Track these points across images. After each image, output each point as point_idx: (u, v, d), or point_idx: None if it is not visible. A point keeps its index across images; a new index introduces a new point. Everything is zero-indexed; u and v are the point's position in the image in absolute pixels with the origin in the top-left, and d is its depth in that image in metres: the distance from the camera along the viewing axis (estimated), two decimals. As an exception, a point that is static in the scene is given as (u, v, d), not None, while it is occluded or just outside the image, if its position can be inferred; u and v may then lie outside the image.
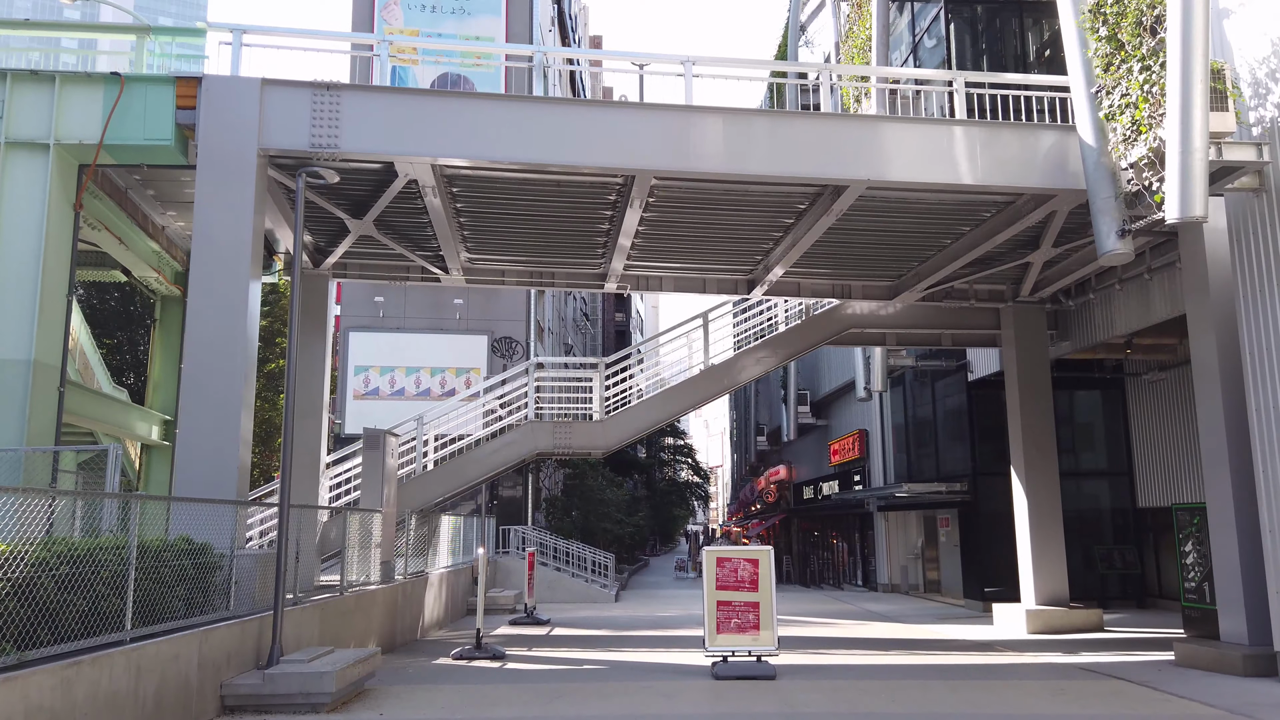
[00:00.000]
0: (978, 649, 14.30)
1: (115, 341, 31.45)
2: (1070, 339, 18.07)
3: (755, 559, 11.12)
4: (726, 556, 11.15)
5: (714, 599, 11.07)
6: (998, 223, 13.84)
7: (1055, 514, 17.14)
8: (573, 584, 25.65)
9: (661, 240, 15.05)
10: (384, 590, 13.96)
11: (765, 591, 11.02)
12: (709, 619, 11.03)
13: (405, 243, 15.24)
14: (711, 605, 11.05)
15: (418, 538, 16.93)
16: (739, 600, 11.00)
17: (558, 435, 17.44)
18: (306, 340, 15.74)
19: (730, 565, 11.09)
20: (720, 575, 11.08)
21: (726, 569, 11.08)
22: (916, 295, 17.08)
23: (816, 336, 18.40)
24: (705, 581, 11.12)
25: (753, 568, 11.07)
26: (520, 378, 18.18)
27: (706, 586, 11.10)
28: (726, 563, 11.11)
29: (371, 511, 14.10)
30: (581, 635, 16.63)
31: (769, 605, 10.99)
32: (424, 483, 17.16)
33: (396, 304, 30.72)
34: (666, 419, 18.02)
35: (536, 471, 32.41)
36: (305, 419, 15.38)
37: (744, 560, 11.11)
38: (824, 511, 34.82)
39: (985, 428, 21.79)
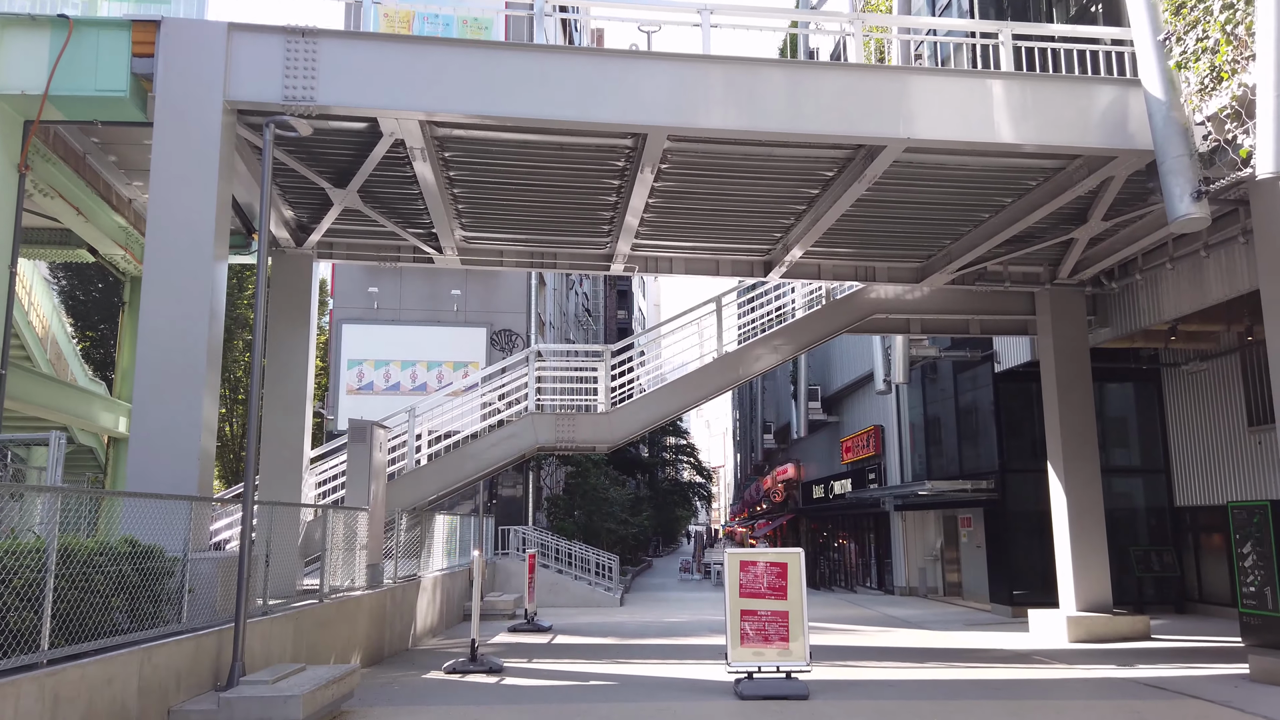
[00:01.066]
0: (1020, 661, 13.06)
1: (99, 334, 30.24)
2: (1110, 325, 16.82)
3: (783, 563, 9.89)
4: (751, 560, 9.92)
5: (737, 607, 9.83)
6: (1043, 194, 12.60)
7: (1097, 513, 15.89)
8: (575, 587, 24.42)
9: (673, 216, 13.82)
10: (370, 596, 12.74)
11: (795, 599, 9.79)
12: (731, 630, 9.80)
13: (395, 218, 14.00)
14: (734, 615, 9.81)
15: (409, 539, 15.70)
16: (765, 609, 9.77)
17: (560, 428, 16.20)
18: (288, 326, 14.54)
19: (755, 570, 9.86)
20: (744, 581, 9.85)
21: (751, 574, 9.85)
22: (946, 278, 15.84)
23: (837, 323, 17.15)
24: (727, 588, 9.89)
25: (781, 572, 9.84)
26: (519, 367, 16.95)
27: (729, 593, 9.87)
28: (751, 567, 9.87)
29: (356, 510, 12.87)
30: (586, 644, 15.40)
31: (800, 615, 9.76)
32: (416, 479, 15.92)
33: (391, 295, 29.51)
34: (677, 411, 16.78)
35: (537, 470, 31.19)
36: (287, 412, 14.17)
37: (770, 564, 9.88)
38: (836, 511, 33.58)
39: (1013, 422, 20.57)
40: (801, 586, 9.81)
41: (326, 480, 16.52)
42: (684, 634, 16.87)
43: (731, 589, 9.87)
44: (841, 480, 31.79)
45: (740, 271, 16.26)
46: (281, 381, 14.35)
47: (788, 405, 40.41)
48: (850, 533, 32.63)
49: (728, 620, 9.84)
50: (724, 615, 9.96)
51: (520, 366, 16.92)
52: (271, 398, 14.30)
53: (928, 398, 24.75)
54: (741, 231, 14.53)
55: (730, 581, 9.88)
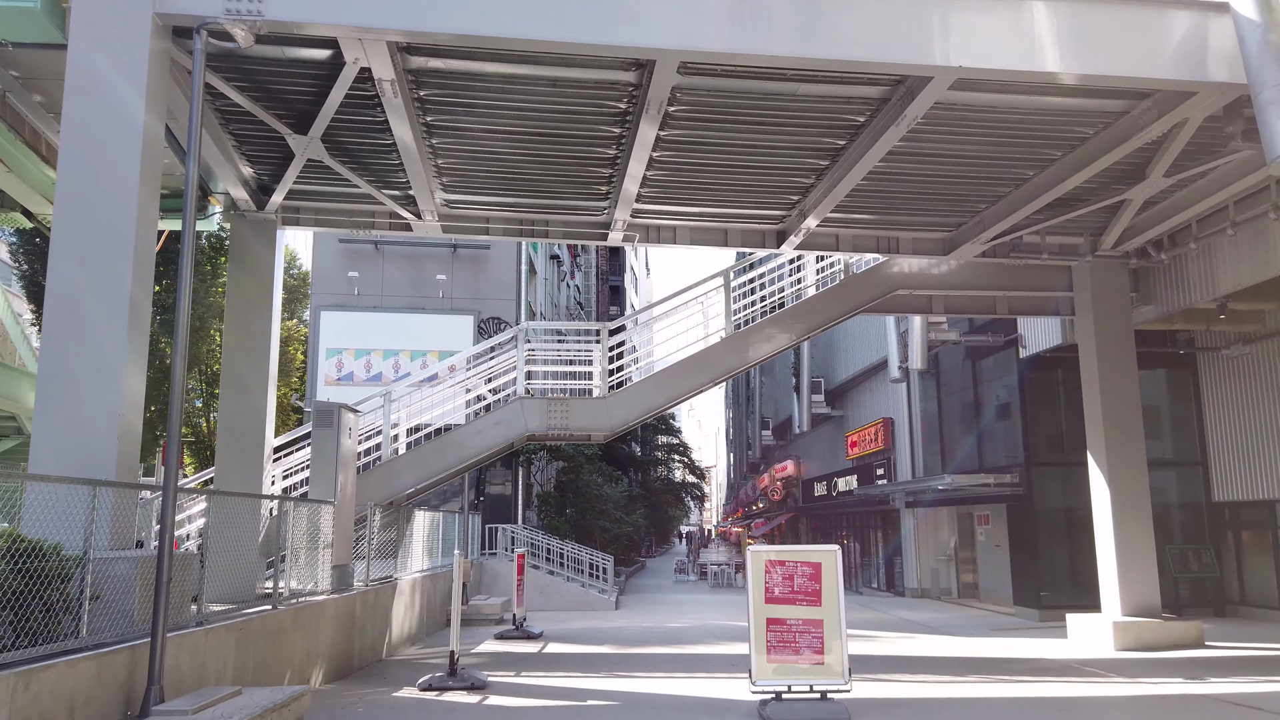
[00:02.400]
0: (1072, 673, 11.60)
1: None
2: (1154, 302, 15.40)
3: (816, 562, 8.39)
4: (779, 559, 8.41)
5: (762, 615, 8.33)
6: (1100, 144, 11.13)
7: (1143, 509, 14.46)
8: (568, 589, 22.88)
9: (679, 174, 12.31)
10: (336, 601, 11.19)
11: (831, 605, 8.29)
12: (756, 641, 8.29)
13: (367, 176, 12.45)
14: (759, 623, 8.31)
15: (384, 537, 14.15)
16: (796, 617, 8.27)
17: (552, 415, 14.68)
18: (249, 299, 12.99)
19: (784, 571, 8.36)
20: (770, 584, 8.35)
21: (778, 575, 8.35)
22: (977, 249, 14.40)
23: (855, 301, 15.67)
24: (751, 592, 8.38)
25: (814, 574, 8.34)
26: (507, 348, 15.43)
27: (752, 599, 8.36)
28: (778, 568, 8.37)
29: (320, 503, 11.31)
30: (581, 654, 13.87)
31: (837, 624, 8.26)
32: (392, 470, 14.37)
33: (373, 280, 27.92)
34: (681, 397, 15.27)
35: (527, 465, 29.64)
36: (247, 395, 12.62)
37: (802, 564, 8.38)
38: (840, 509, 32.14)
39: (1039, 412, 19.15)
40: (838, 590, 8.32)
41: (295, 470, 14.93)
42: (688, 641, 15.36)
43: (756, 593, 8.37)
44: (846, 477, 30.34)
45: (751, 243, 14.76)
46: (240, 361, 12.79)
47: (788, 400, 38.96)
48: (855, 532, 31.18)
49: (751, 629, 8.33)
50: (746, 622, 8.48)
51: (508, 348, 15.39)
52: (230, 379, 12.75)
53: (943, 387, 23.31)
54: (755, 193, 13.03)
55: (754, 585, 8.37)
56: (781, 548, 8.72)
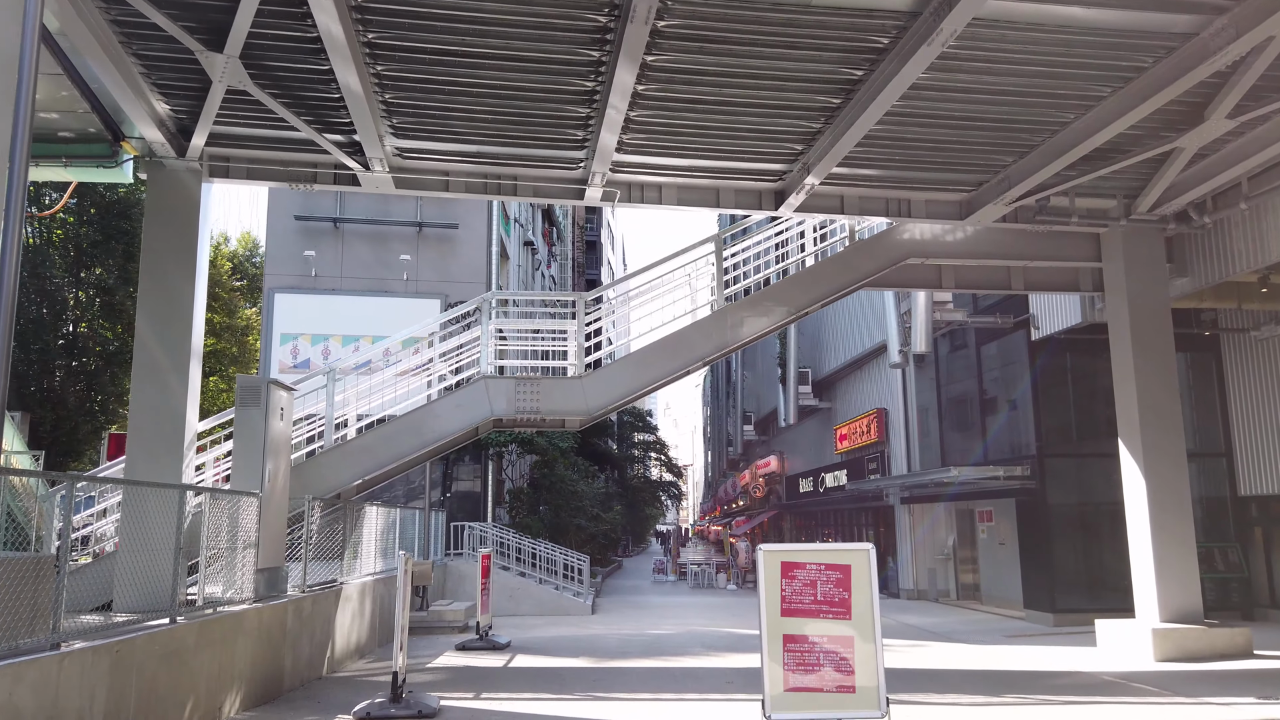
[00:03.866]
0: (1123, 691, 10.04)
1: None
2: (1190, 274, 13.94)
3: (845, 565, 6.73)
4: (797, 562, 6.75)
5: (778, 630, 6.66)
6: (1157, 76, 9.57)
7: (1183, 503, 12.97)
8: (540, 592, 21.14)
9: (670, 111, 10.60)
10: (260, 611, 9.40)
11: (863, 618, 6.64)
12: (770, 662, 6.62)
13: (304, 114, 10.64)
14: (774, 640, 6.64)
15: (327, 535, 12.37)
16: (819, 633, 6.62)
17: (521, 396, 12.94)
18: (167, 262, 11.19)
19: (805, 576, 6.70)
20: (788, 592, 6.68)
21: (798, 581, 6.69)
22: (998, 212, 12.85)
23: (860, 271, 14.06)
24: (764, 602, 6.71)
25: (841, 579, 6.69)
26: (471, 320, 13.70)
27: (765, 610, 6.69)
28: (797, 572, 6.71)
29: (241, 495, 9.52)
30: (554, 668, 12.16)
31: (870, 641, 6.61)
32: (336, 460, 12.58)
33: (331, 260, 26.01)
34: (666, 378, 13.57)
35: (499, 459, 27.85)
36: (165, 372, 10.81)
37: (826, 568, 6.72)
38: (827, 506, 30.62)
39: (1052, 399, 17.67)
40: (872, 600, 6.67)
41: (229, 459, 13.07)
42: (674, 652, 13.68)
43: (769, 603, 6.69)
44: (834, 472, 28.83)
45: (746, 204, 13.09)
46: (157, 333, 10.98)
47: (772, 393, 37.44)
48: (844, 530, 29.67)
49: (764, 648, 6.66)
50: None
51: (472, 320, 13.66)
52: (144, 355, 10.93)
53: (944, 375, 21.81)
54: (755, 140, 11.35)
55: (768, 593, 6.70)
56: (801, 547, 7.05)
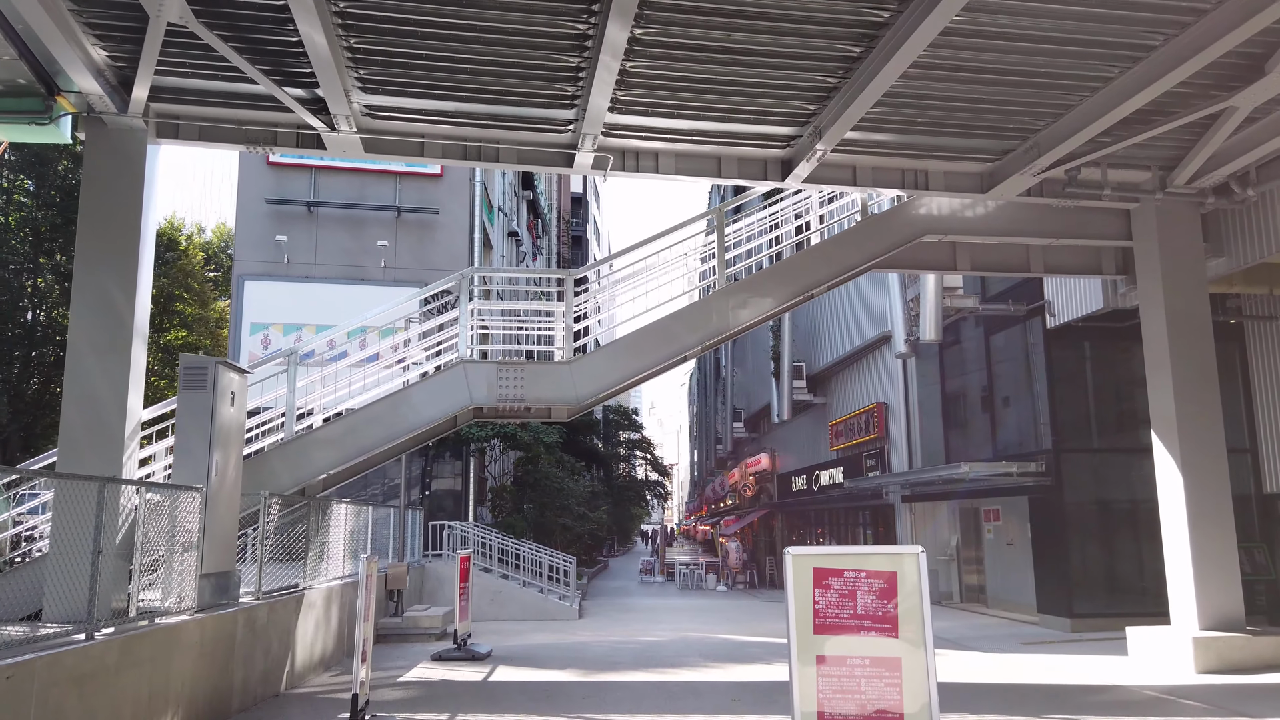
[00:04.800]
0: (1174, 710, 9.01)
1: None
2: (1227, 254, 12.94)
3: (890, 572, 5.62)
4: (833, 568, 5.63)
5: (810, 650, 5.54)
6: (1217, 22, 8.54)
7: (1223, 501, 12.00)
8: (524, 596, 20.00)
9: (671, 59, 9.46)
10: (203, 623, 8.22)
11: (913, 636, 5.54)
12: (802, 690, 5.50)
13: (258, 60, 9.46)
14: (806, 662, 5.52)
15: (289, 535, 11.18)
16: (860, 654, 5.50)
17: (504, 383, 11.80)
18: (107, 231, 9.99)
19: (843, 585, 5.58)
20: (822, 604, 5.57)
21: (836, 592, 5.58)
22: (1024, 184, 11.81)
23: (873, 248, 13.00)
24: (791, 615, 5.59)
25: (887, 588, 5.58)
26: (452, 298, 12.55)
27: (794, 625, 5.57)
28: (834, 579, 5.59)
29: (181, 490, 8.32)
30: (538, 682, 11.01)
31: (922, 663, 5.50)
32: (299, 452, 11.39)
33: (304, 245, 24.76)
34: (661, 363, 12.45)
35: (480, 456, 26.66)
36: (103, 354, 9.62)
37: (868, 575, 5.61)
38: (821, 505, 29.59)
39: (1070, 391, 16.69)
40: (922, 613, 5.56)
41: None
42: (669, 663, 12.57)
43: (799, 617, 5.57)
44: (830, 469, 27.80)
45: (750, 174, 11.99)
46: (95, 311, 9.77)
47: (763, 388, 36.40)
48: (840, 530, 28.65)
49: (794, 671, 5.54)
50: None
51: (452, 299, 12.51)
52: (80, 334, 9.72)
53: (948, 367, 20.81)
54: (765, 95, 10.23)
55: (797, 605, 5.58)
56: (837, 550, 5.91)
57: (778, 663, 12.43)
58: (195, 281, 37.04)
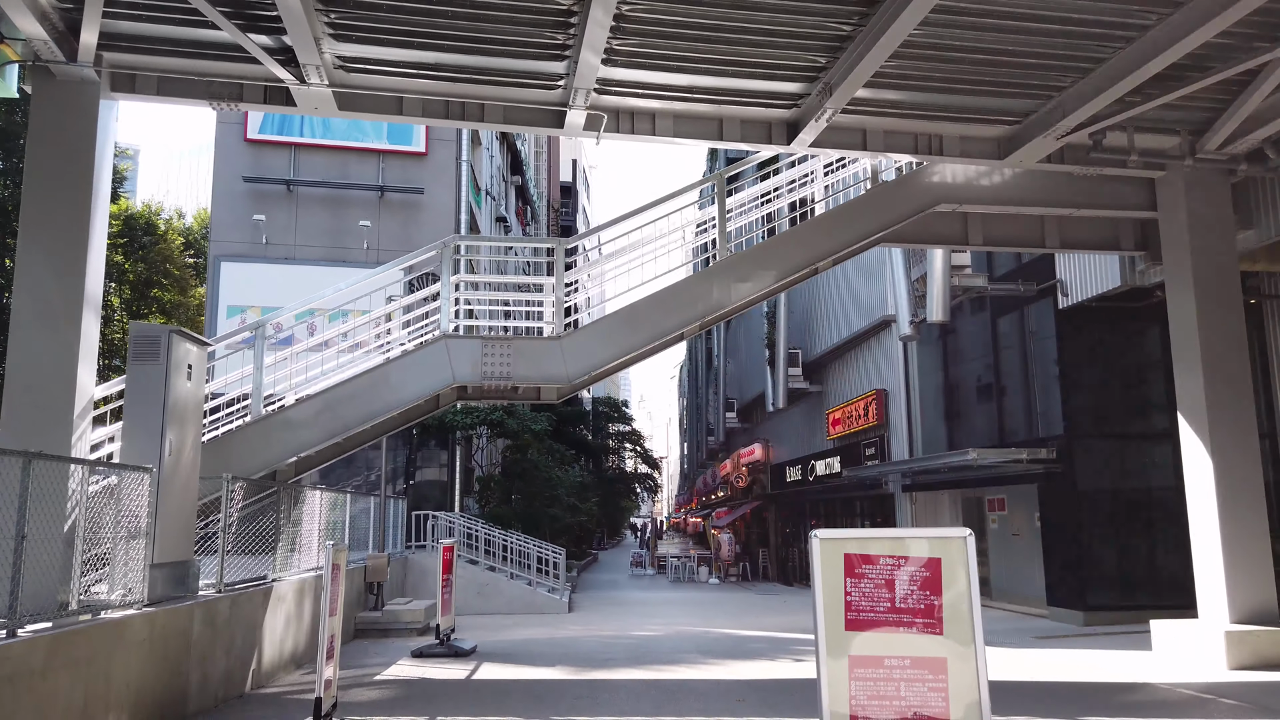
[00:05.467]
0: (1216, 710, 8.29)
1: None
2: (1256, 226, 12.23)
3: (933, 559, 4.86)
4: (869, 554, 4.86)
5: (841, 648, 4.78)
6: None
7: (1255, 487, 11.30)
8: (512, 589, 19.22)
9: (671, 5, 8.68)
10: (152, 618, 7.40)
11: (960, 631, 4.78)
12: (831, 692, 4.74)
13: (221, 3, 8.61)
14: (837, 662, 4.76)
15: (256, 524, 10.36)
16: (900, 653, 4.74)
17: (490, 359, 10.99)
18: (56, 192, 9.15)
19: (879, 574, 4.82)
20: (855, 595, 4.81)
21: (871, 581, 4.81)
22: (1045, 149, 11.07)
23: (883, 218, 12.24)
24: (819, 609, 4.82)
25: (930, 578, 4.82)
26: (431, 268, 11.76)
27: (823, 620, 4.80)
28: (869, 568, 4.83)
29: (126, 470, 7.49)
30: (525, 680, 10.23)
31: (971, 664, 4.75)
32: (267, 433, 10.56)
33: (284, 226, 23.85)
34: (658, 340, 11.65)
35: (467, 444, 25.84)
36: (51, 325, 8.82)
37: (907, 561, 4.85)
38: (817, 496, 28.88)
39: (1083, 374, 15.96)
40: (971, 605, 4.80)
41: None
42: (665, 659, 11.80)
43: (829, 611, 4.80)
44: (826, 459, 27.07)
45: (754, 137, 11.20)
46: (41, 277, 8.93)
47: (756, 377, 35.66)
48: (836, 521, 27.94)
49: (822, 672, 4.78)
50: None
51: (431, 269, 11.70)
52: (25, 302, 8.89)
53: (952, 351, 20.08)
54: (771, 46, 9.43)
55: (826, 597, 4.81)
56: (872, 534, 5.13)
57: (782, 659, 11.69)
58: (174, 267, 36.07)
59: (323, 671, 6.65)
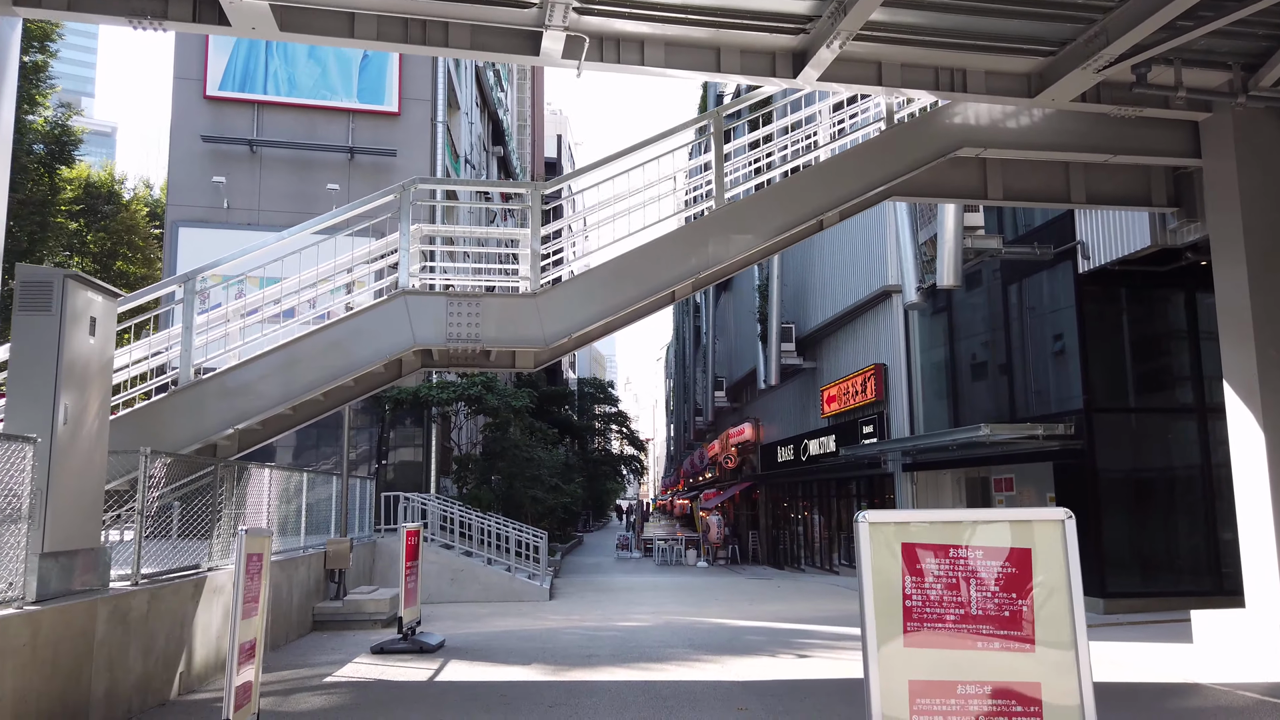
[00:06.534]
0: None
1: None
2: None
3: (1020, 548, 3.63)
4: (934, 543, 3.63)
5: (900, 668, 3.55)
6: None
7: (1311, 460, 10.14)
8: (489, 576, 18.00)
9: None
10: (36, 618, 6.11)
11: (1058, 643, 3.56)
12: (880, 703, 3.51)
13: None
14: (893, 684, 3.53)
15: (189, 506, 9.06)
16: (979, 675, 3.52)
17: (456, 319, 9.69)
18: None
19: (948, 568, 3.60)
20: (919, 598, 3.58)
21: (937, 579, 3.59)
22: (1083, 83, 9.80)
23: (899, 163, 10.97)
24: (868, 611, 3.59)
25: (1016, 574, 3.60)
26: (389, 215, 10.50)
27: (873, 627, 3.57)
28: (933, 560, 3.60)
29: (7, 441, 6.16)
30: (496, 682, 9.00)
31: (1073, 690, 3.53)
32: (194, 403, 9.23)
33: (246, 190, 22.38)
34: (646, 298, 10.36)
35: (444, 423, 24.54)
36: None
37: (986, 554, 3.62)
38: (810, 476, 27.75)
39: (1105, 343, 14.82)
40: (1073, 610, 3.59)
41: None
42: (654, 655, 10.60)
43: (881, 615, 3.58)
44: (820, 438, 25.93)
45: (754, 69, 9.88)
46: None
47: (746, 355, 34.47)
48: (830, 502, 26.84)
49: (872, 697, 3.54)
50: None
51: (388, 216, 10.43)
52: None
53: (958, 321, 18.91)
54: (779, -49, 8.15)
55: (878, 597, 3.58)
56: (938, 516, 3.87)
57: (784, 655, 10.52)
58: (138, 238, 34.47)
59: (232, 682, 5.38)
